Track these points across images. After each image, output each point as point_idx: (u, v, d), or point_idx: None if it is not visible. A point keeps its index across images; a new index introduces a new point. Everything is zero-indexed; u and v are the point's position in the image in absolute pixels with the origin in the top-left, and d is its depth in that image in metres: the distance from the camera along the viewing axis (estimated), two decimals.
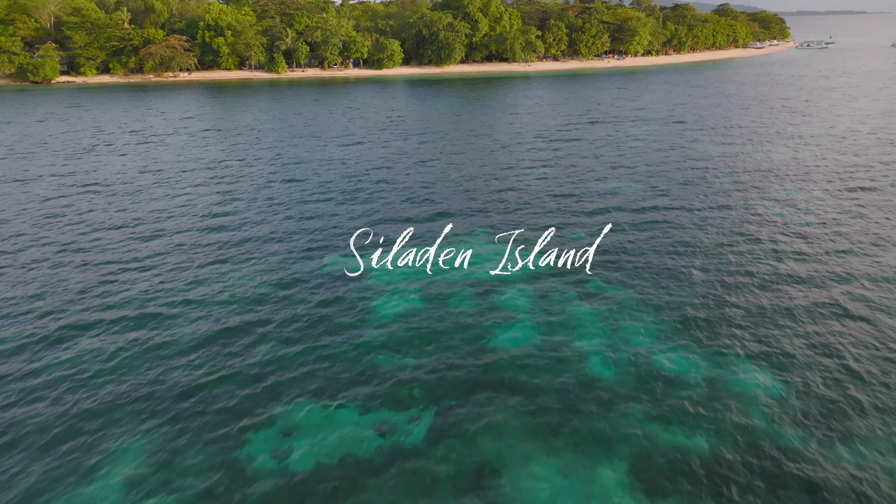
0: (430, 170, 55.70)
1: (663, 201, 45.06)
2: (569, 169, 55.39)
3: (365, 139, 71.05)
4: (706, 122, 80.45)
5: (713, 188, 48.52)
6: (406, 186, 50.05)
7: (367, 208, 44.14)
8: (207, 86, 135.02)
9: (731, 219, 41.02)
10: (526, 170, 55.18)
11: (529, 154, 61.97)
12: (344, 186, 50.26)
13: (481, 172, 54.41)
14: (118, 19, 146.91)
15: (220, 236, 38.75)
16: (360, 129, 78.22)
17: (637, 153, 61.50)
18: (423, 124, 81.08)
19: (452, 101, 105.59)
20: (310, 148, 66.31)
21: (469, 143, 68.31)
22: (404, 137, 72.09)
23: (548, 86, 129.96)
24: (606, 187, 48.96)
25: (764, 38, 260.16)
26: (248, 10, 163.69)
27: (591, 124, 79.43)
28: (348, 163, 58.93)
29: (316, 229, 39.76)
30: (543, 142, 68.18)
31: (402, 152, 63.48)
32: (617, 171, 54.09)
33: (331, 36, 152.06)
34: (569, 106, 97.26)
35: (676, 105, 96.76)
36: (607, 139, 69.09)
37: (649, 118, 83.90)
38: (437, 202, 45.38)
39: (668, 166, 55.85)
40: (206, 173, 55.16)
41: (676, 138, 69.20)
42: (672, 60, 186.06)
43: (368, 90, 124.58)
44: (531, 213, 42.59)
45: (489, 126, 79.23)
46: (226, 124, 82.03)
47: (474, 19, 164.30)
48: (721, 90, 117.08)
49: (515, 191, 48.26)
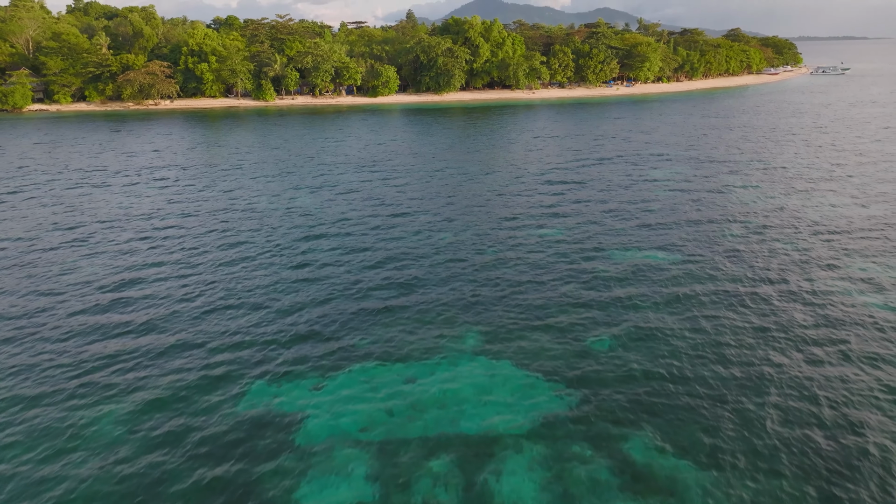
0: (408, 229, 44.82)
1: (711, 286, 33.91)
2: (582, 227, 44.42)
3: (338, 182, 60.47)
4: (738, 161, 69.62)
5: (768, 260, 37.39)
6: (372, 256, 39.14)
7: (315, 294, 33.12)
8: (188, 115, 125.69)
9: (809, 316, 29.81)
10: (529, 230, 44.19)
11: (532, 204, 51.13)
12: (293, 255, 39.36)
13: (473, 234, 43.49)
14: (97, 44, 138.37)
15: (100, 347, 27.77)
16: (337, 167, 67.78)
17: (663, 205, 50.54)
18: (410, 162, 70.58)
19: (448, 132, 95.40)
20: (271, 193, 55.70)
21: (460, 188, 57.60)
22: (384, 179, 61.49)
23: (553, 115, 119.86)
24: (633, 260, 37.85)
25: (777, 63, 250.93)
26: (237, 35, 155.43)
27: (603, 163, 68.70)
28: (310, 215, 48.15)
29: (240, 332, 28.73)
30: (549, 187, 57.39)
31: (377, 201, 52.76)
32: (643, 232, 43.05)
33: (322, 62, 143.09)
34: (576, 139, 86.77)
35: (698, 139, 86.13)
36: (625, 184, 58.26)
37: (670, 155, 73.14)
38: (410, 284, 34.35)
39: (706, 226, 44.80)
40: (130, 229, 44.47)
41: (707, 183, 58.31)
42: (684, 87, 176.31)
43: (360, 120, 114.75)
44: (540, 304, 31.45)
45: (486, 165, 68.64)
46: (185, 161, 71.78)
47: (475, 44, 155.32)
48: (743, 121, 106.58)
49: (517, 265, 37.22)
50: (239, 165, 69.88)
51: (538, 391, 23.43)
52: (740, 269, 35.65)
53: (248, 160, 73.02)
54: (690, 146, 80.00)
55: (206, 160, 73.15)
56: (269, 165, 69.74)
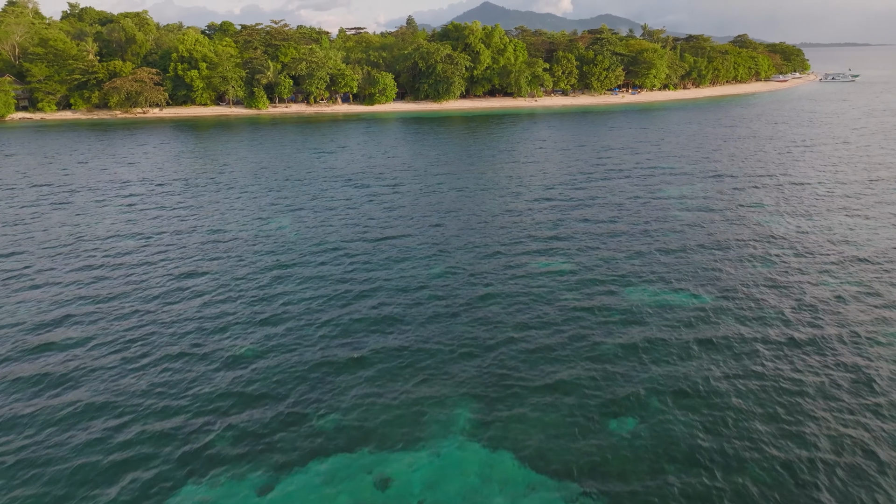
0: (393, 257, 39.36)
1: (750, 333, 28.35)
2: (590, 256, 38.92)
3: (321, 200, 55.06)
4: (755, 176, 64.10)
5: (812, 298, 31.84)
6: (347, 292, 33.66)
7: (272, 344, 27.68)
8: (177, 123, 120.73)
9: (881, 371, 24.26)
10: (529, 259, 38.71)
11: (534, 226, 45.66)
12: (254, 291, 33.87)
13: (466, 264, 38.03)
14: (83, 50, 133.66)
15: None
16: (323, 182, 62.42)
17: (680, 228, 45.00)
18: (402, 177, 65.22)
19: (445, 143, 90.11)
20: (246, 214, 50.33)
21: (455, 207, 52.16)
22: (372, 197, 56.08)
23: (556, 124, 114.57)
24: (652, 299, 32.30)
25: (786, 70, 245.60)
26: (230, 41, 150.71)
27: (610, 178, 63.24)
28: (283, 241, 42.71)
29: (164, 409, 23.27)
30: (552, 206, 51.93)
31: (361, 223, 47.32)
32: (660, 263, 37.50)
33: (317, 69, 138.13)
34: (581, 151, 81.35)
35: (710, 151, 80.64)
36: (635, 203, 52.76)
37: (682, 169, 67.65)
38: (389, 331, 28.88)
39: (730, 254, 39.25)
40: (77, 256, 39.11)
41: (725, 202, 52.79)
42: (691, 95, 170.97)
43: (354, 129, 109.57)
44: (544, 359, 26.02)
45: (483, 179, 63.24)
46: (159, 175, 66.50)
47: (476, 51, 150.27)
48: (756, 131, 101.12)
49: (516, 306, 31.72)
50: (217, 181, 64.61)
51: (546, 497, 17.89)
52: (781, 310, 30.09)
53: (228, 175, 67.75)
54: (702, 159, 74.53)
55: (182, 174, 67.90)
56: (250, 181, 64.46)
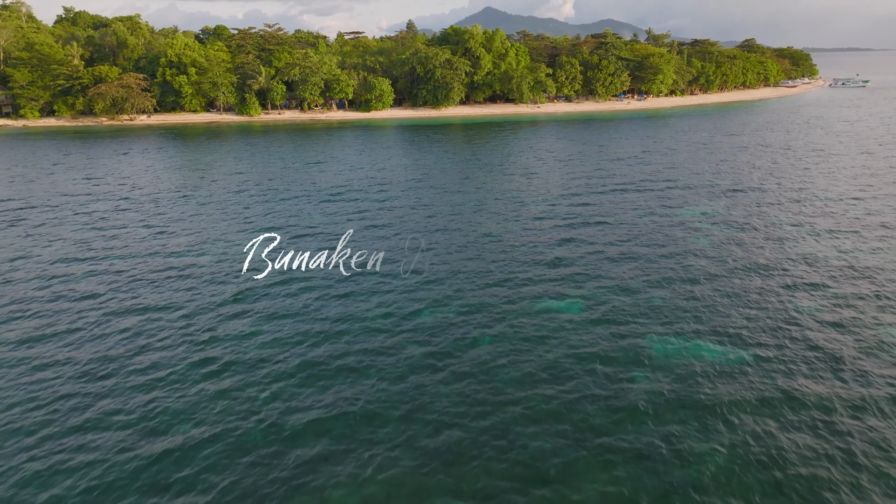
0: (369, 301, 33.73)
1: (810, 415, 22.70)
2: (602, 297, 33.23)
3: (298, 219, 49.52)
4: (783, 190, 58.39)
5: (878, 356, 26.15)
6: (306, 352, 28.05)
7: (196, 438, 22.11)
8: (164, 131, 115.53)
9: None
10: (528, 300, 33.03)
11: (534, 255, 40.01)
12: (198, 344, 28.30)
13: (456, 308, 32.40)
14: (68, 54, 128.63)
15: None
16: (305, 198, 56.84)
17: (705, 260, 39.29)
18: (392, 192, 59.65)
19: (442, 153, 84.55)
20: (211, 236, 44.79)
21: (446, 230, 46.52)
22: (354, 216, 50.46)
23: (559, 132, 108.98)
24: (683, 360, 26.64)
25: (795, 76, 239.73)
26: (222, 46, 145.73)
27: (619, 194, 57.54)
28: (244, 274, 37.14)
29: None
30: (556, 226, 46.29)
31: (336, 247, 41.73)
32: (687, 308, 31.75)
33: (311, 74, 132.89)
34: (587, 162, 75.70)
35: (726, 162, 74.91)
36: (650, 225, 47.07)
37: (700, 184, 61.91)
38: (352, 421, 23.26)
39: (770, 298, 33.55)
40: (6, 286, 33.57)
41: (755, 222, 47.05)
42: (699, 101, 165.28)
43: (347, 137, 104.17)
44: (551, 463, 20.37)
45: (480, 195, 57.63)
46: (126, 190, 61.03)
47: (476, 55, 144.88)
48: (772, 140, 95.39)
49: (513, 374, 26.10)
50: (191, 196, 59.16)
51: None
52: (846, 366, 24.39)
53: (205, 189, 62.29)
54: (718, 171, 68.85)
55: (154, 189, 62.49)
56: (227, 196, 58.98)
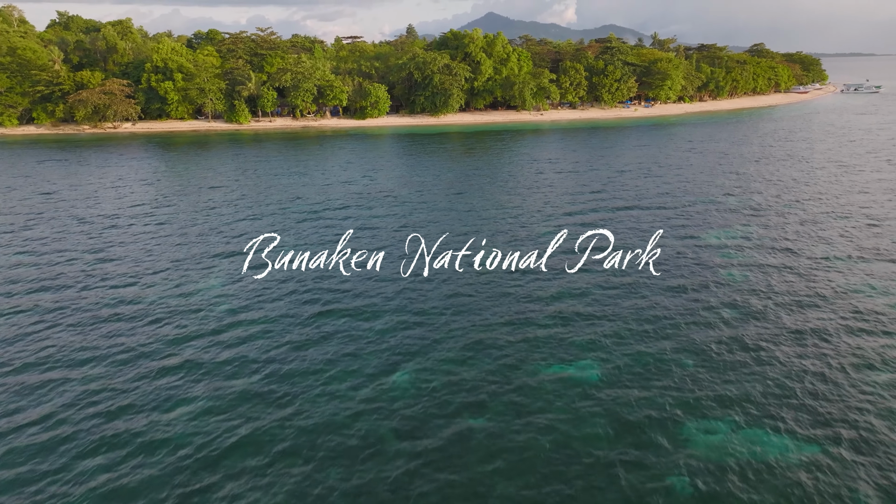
0: (326, 353, 27.46)
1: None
2: (620, 352, 26.92)
3: (269, 245, 43.31)
4: (819, 212, 52.02)
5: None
6: (251, 428, 21.79)
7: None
8: (148, 139, 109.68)
9: None
10: (532, 357, 26.72)
11: (538, 293, 33.71)
12: (98, 426, 22.06)
13: (439, 367, 26.10)
14: (48, 59, 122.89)
15: None
16: (281, 217, 50.62)
17: (745, 307, 32.91)
18: (377, 211, 53.39)
19: (438, 165, 78.32)
20: (166, 263, 38.56)
21: (436, 265, 40.26)
22: (330, 245, 44.25)
23: (564, 141, 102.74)
24: (735, 455, 20.32)
25: (806, 81, 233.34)
26: (212, 51, 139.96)
27: (633, 213, 51.20)
28: (196, 311, 30.83)
29: None
30: (562, 260, 39.92)
31: (303, 284, 35.44)
32: (731, 370, 25.44)
33: (303, 80, 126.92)
34: (594, 176, 69.35)
35: (747, 177, 68.57)
36: (671, 255, 40.72)
37: (721, 203, 55.51)
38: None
39: (835, 357, 27.19)
40: None
41: (793, 255, 40.69)
42: (709, 108, 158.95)
43: (339, 147, 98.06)
44: None
45: (477, 217, 51.31)
46: (82, 209, 54.85)
47: (476, 60, 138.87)
48: (792, 150, 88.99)
49: (510, 460, 19.82)
50: (154, 215, 53.05)
51: None
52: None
53: (172, 208, 56.16)
54: (741, 187, 62.50)
55: (117, 206, 56.38)
56: (194, 216, 52.81)
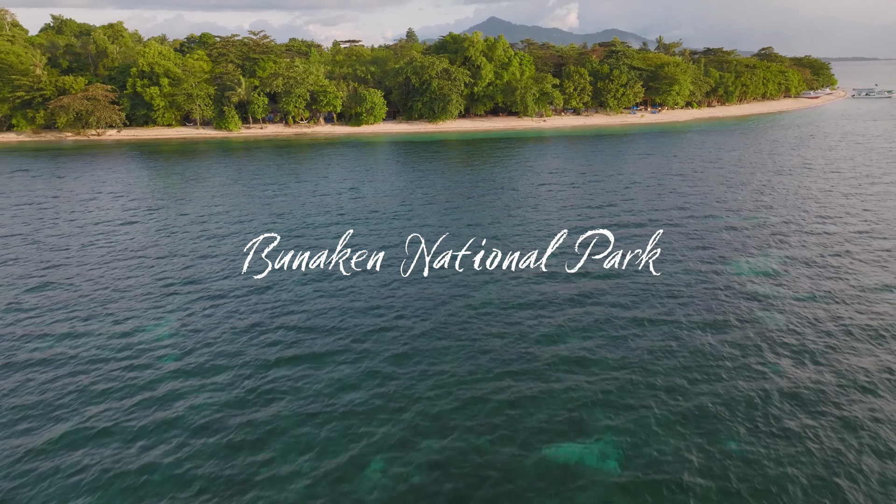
0: (281, 422, 21.83)
1: None
2: (644, 431, 21.24)
3: (230, 276, 37.71)
4: (854, 232, 46.25)
5: None
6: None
7: None
8: (133, 147, 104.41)
9: None
10: (538, 450, 21.05)
11: (539, 345, 28.04)
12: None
13: (422, 453, 20.42)
14: (29, 63, 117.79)
15: None
16: (252, 241, 45.07)
17: (796, 357, 27.22)
18: (361, 232, 47.73)
19: (433, 176, 72.71)
20: (114, 298, 32.99)
21: (420, 296, 34.60)
22: (303, 276, 38.62)
23: (568, 150, 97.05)
24: None
25: (817, 86, 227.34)
26: (202, 55, 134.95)
27: (646, 234, 45.44)
28: (128, 368, 25.22)
29: None
30: (565, 294, 34.25)
31: (265, 321, 29.82)
32: (794, 477, 19.77)
33: (295, 85, 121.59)
34: (600, 189, 63.62)
35: (769, 191, 62.84)
36: (697, 289, 34.96)
37: (746, 222, 49.76)
38: None
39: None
40: None
41: (838, 288, 34.96)
42: (718, 114, 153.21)
43: (330, 156, 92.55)
44: None
45: (472, 238, 45.64)
46: (31, 231, 49.47)
47: (476, 65, 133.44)
48: (811, 160, 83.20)
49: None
50: (112, 240, 47.59)
51: None
52: None
53: (133, 230, 50.66)
54: (764, 203, 56.79)
55: (73, 228, 50.90)
56: (156, 239, 47.30)
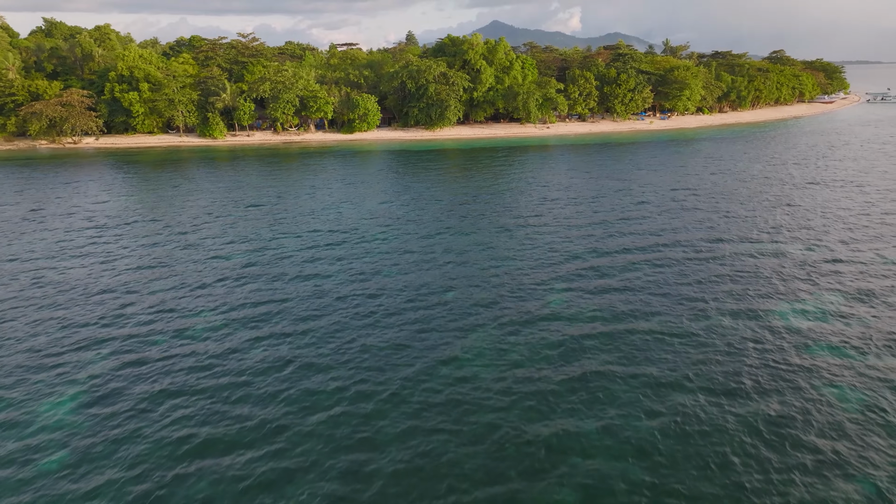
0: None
1: None
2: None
3: (172, 313, 30.60)
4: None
5: None
6: None
7: None
8: (110, 156, 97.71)
9: None
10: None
11: (548, 407, 20.88)
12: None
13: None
14: (2, 68, 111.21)
15: None
16: (207, 273, 37.98)
17: (887, 468, 19.98)
18: (330, 269, 40.63)
19: (424, 192, 65.55)
20: (21, 361, 26.02)
21: (401, 342, 27.40)
22: (251, 322, 31.51)
23: (573, 160, 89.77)
24: None
25: (831, 90, 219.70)
26: (188, 58, 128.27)
27: (663, 266, 38.16)
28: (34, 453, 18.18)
29: None
30: (571, 347, 27.01)
31: (213, 387, 22.77)
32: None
33: (283, 90, 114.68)
34: (608, 207, 56.29)
35: (800, 212, 55.53)
36: (731, 346, 27.65)
37: (786, 253, 42.43)
38: None
39: None
40: None
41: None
42: (731, 120, 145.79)
43: (315, 167, 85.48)
44: None
45: (466, 272, 38.42)
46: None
47: (476, 68, 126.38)
48: (841, 172, 75.77)
49: None
50: (41, 280, 40.56)
51: None
52: None
53: (71, 263, 43.64)
54: (799, 226, 49.42)
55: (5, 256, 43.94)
56: (99, 272, 40.25)
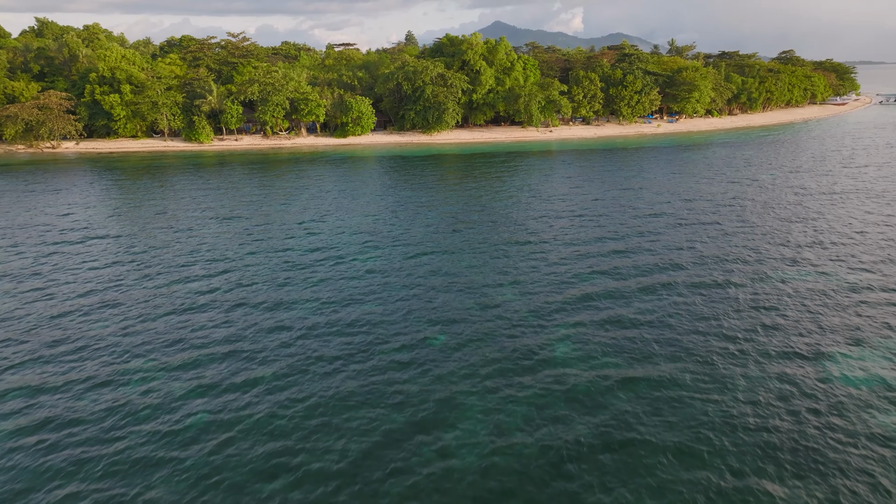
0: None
1: None
2: None
3: (130, 334, 25.13)
4: None
5: None
6: None
7: None
8: (89, 162, 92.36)
9: None
10: None
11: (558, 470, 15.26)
12: None
13: None
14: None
15: None
16: (166, 297, 32.55)
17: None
18: (302, 309, 35.08)
19: (419, 206, 59.93)
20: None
21: (382, 392, 21.86)
22: (211, 378, 25.97)
23: (577, 168, 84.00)
24: None
25: (843, 91, 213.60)
26: (175, 59, 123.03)
27: (682, 296, 32.49)
28: None
29: None
30: (578, 389, 21.44)
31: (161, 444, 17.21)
32: None
33: (273, 92, 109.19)
34: (617, 223, 50.54)
35: (834, 234, 49.88)
36: (770, 404, 22.04)
37: (829, 289, 36.80)
38: None
39: None
40: None
41: None
42: (742, 123, 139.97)
43: (303, 175, 79.93)
44: None
45: (459, 314, 32.85)
46: None
47: (475, 69, 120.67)
48: (871, 182, 70.07)
49: None
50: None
51: None
52: None
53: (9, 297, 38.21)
54: (846, 253, 43.70)
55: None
56: (40, 322, 34.79)
